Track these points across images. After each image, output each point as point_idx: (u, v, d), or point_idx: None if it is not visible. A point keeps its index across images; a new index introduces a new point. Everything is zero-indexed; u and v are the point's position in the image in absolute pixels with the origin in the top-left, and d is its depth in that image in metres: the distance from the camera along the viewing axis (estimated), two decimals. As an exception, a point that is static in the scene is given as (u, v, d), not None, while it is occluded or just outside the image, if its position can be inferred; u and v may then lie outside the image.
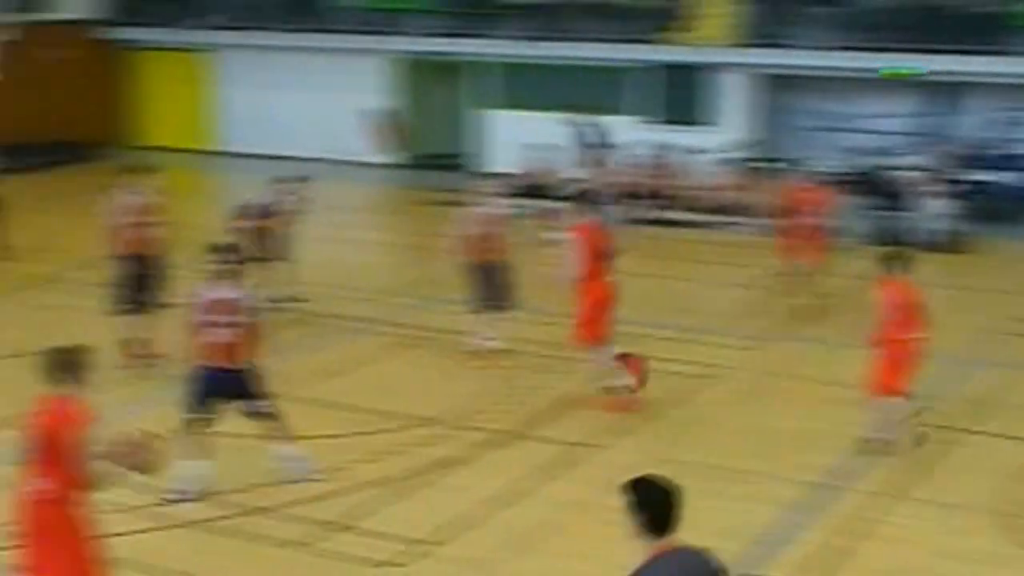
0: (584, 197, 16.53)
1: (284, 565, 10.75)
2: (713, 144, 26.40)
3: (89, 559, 8.65)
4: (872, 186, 23.64)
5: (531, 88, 29.10)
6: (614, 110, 27.86)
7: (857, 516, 11.71)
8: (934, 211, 22.54)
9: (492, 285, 15.97)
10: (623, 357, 14.39)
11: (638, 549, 6.37)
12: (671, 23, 27.67)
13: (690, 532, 11.07)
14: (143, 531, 11.30)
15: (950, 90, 26.87)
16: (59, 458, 8.35)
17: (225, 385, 11.63)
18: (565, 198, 19.22)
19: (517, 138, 27.30)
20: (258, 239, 17.49)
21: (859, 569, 10.79)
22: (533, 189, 25.10)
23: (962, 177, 23.75)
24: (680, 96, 27.66)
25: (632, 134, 25.94)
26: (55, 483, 8.39)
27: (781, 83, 27.92)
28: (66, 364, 8.52)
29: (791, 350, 16.69)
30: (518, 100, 29.23)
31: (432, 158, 31.12)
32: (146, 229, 15.53)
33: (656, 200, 24.68)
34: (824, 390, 15.26)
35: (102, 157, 30.76)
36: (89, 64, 32.34)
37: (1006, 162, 25.95)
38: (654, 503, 6.54)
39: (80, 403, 8.51)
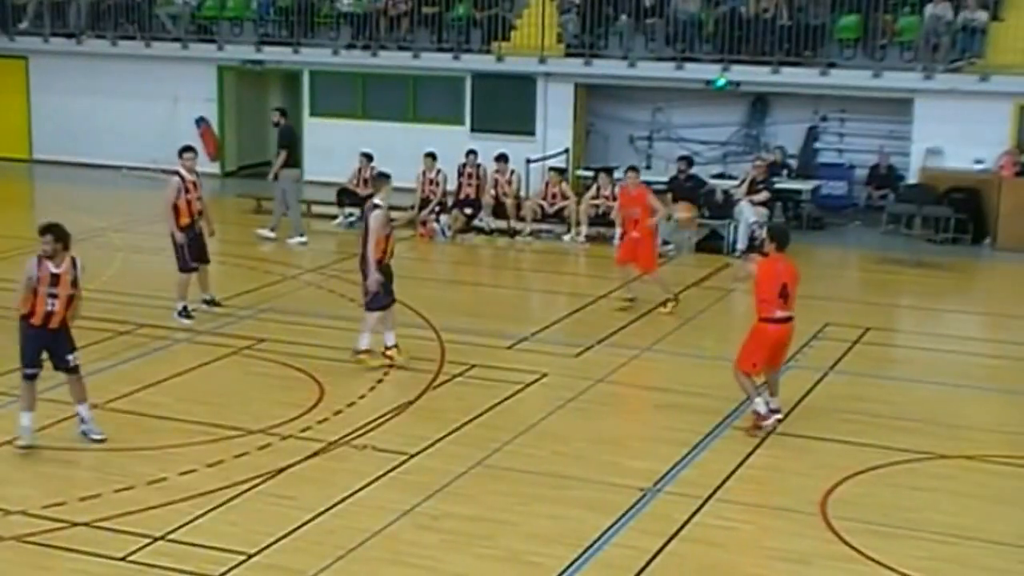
0: None
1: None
2: (532, 153, 26.57)
3: None
4: (691, 195, 23.94)
5: (351, 96, 29.05)
6: (430, 119, 28.00)
7: (680, 519, 11.79)
8: (750, 218, 22.92)
9: None
10: None
11: None
12: (492, 33, 27.83)
13: (516, 538, 11.28)
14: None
15: (766, 100, 27.56)
16: None
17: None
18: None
19: (338, 146, 27.33)
20: None
21: (683, 571, 10.88)
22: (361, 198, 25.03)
23: (777, 186, 24.25)
24: (496, 105, 27.82)
25: (451, 143, 25.97)
26: None
27: (599, 93, 28.27)
28: None
29: (612, 357, 16.79)
30: (339, 108, 29.13)
31: (256, 167, 30.83)
32: None
33: (475, 208, 24.72)
34: (644, 395, 15.44)
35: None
36: None
37: (819, 171, 26.70)
38: None
39: None
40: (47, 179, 30.28)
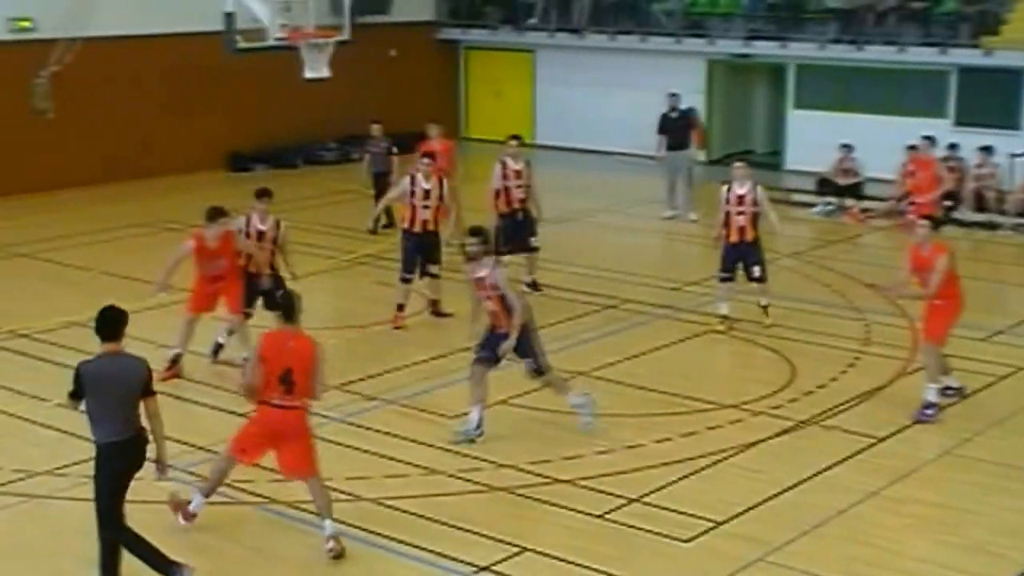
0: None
1: (582, 531, 10.79)
2: (1017, 147, 25.24)
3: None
4: None
5: (835, 89, 28.52)
6: (912, 112, 27.06)
7: None
8: None
9: None
10: None
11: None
12: (980, 27, 26.62)
13: (981, 528, 10.74)
14: (446, 494, 11.51)
15: None
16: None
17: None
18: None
19: (820, 138, 26.83)
20: None
21: None
22: (840, 188, 24.59)
23: None
24: (981, 99, 26.57)
25: (941, 137, 24.98)
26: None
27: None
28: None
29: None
30: (822, 100, 28.63)
31: (738, 155, 30.87)
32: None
33: (955, 201, 23.70)
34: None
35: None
36: (423, 62, 33.12)
37: None
38: (101, 319, 9.46)
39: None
40: (547, 163, 31.14)
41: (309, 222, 22.35)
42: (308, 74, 21.55)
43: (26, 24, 25.49)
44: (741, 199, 16.29)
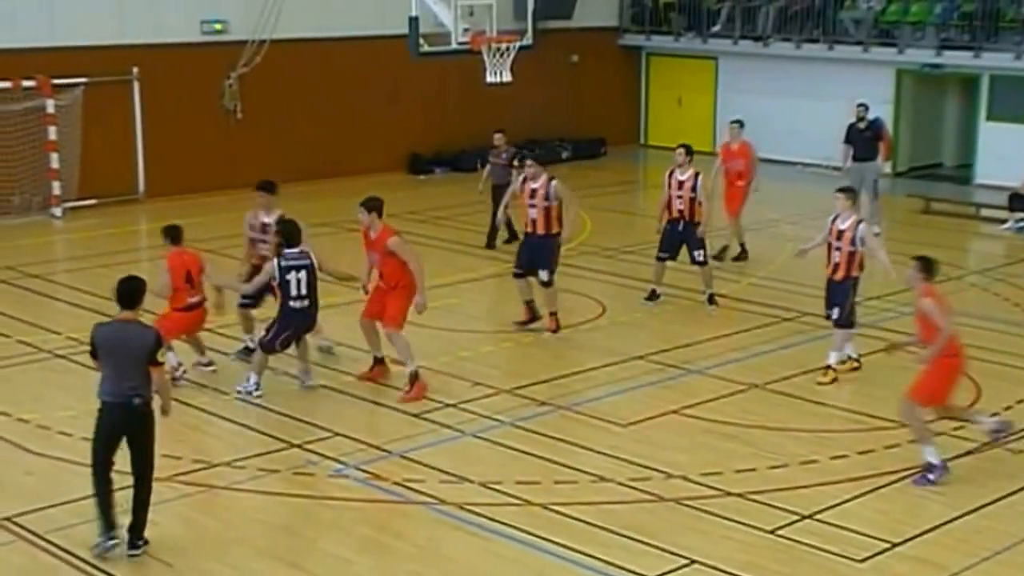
0: None
1: (752, 546, 10.66)
2: None
3: None
4: None
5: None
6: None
7: None
8: None
9: None
10: None
11: None
12: None
13: None
14: (615, 503, 11.47)
15: None
16: None
17: None
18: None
19: (1013, 151, 26.08)
20: None
21: None
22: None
23: None
24: None
25: None
26: None
27: None
28: None
29: None
30: (1018, 113, 27.80)
31: (926, 168, 30.20)
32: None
33: None
34: None
35: (613, 155, 31.67)
36: (604, 68, 33.15)
37: None
38: (121, 287, 10.17)
39: None
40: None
41: (485, 226, 22.46)
42: (490, 79, 21.71)
43: (219, 28, 26.22)
44: (840, 235, 14.66)
